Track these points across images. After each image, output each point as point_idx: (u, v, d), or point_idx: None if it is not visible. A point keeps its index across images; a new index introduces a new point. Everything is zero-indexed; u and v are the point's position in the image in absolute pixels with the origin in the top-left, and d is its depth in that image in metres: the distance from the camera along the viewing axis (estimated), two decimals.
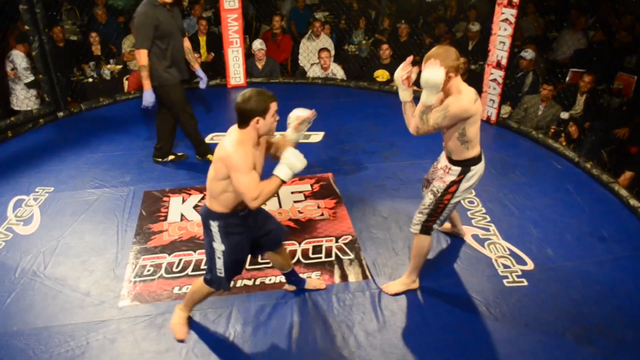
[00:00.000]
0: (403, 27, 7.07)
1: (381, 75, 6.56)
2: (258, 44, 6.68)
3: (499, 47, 5.20)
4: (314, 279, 3.43)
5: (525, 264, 3.63)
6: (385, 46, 6.66)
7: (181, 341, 3.00)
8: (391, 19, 7.76)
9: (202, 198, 4.27)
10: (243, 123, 2.56)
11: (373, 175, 4.61)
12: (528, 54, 6.16)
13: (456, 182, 3.11)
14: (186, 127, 4.65)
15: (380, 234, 3.89)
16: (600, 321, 3.17)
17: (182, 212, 4.13)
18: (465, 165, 3.09)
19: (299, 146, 4.98)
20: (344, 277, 3.48)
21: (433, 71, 2.79)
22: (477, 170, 3.13)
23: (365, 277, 3.48)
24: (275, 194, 2.69)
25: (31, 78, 5.67)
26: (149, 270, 3.53)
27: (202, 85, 4.73)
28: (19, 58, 5.56)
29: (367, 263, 3.59)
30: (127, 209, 4.18)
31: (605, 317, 3.21)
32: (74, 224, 4.01)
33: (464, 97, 2.88)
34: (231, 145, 2.52)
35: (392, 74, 6.53)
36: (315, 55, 6.82)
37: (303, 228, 3.94)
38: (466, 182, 3.12)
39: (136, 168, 4.77)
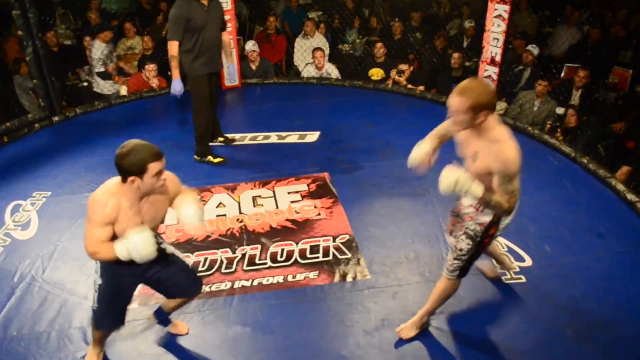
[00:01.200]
0: (397, 25, 7.07)
1: (376, 73, 6.56)
2: (251, 45, 6.67)
3: (493, 43, 5.20)
4: (178, 324, 3.09)
5: (523, 260, 3.63)
6: (379, 44, 6.66)
7: None
8: (384, 17, 7.76)
9: (199, 200, 4.25)
10: (122, 178, 2.32)
11: (369, 174, 4.61)
12: (535, 49, 6.18)
13: (495, 222, 2.69)
14: (196, 121, 4.70)
15: (378, 232, 3.89)
16: (600, 317, 3.18)
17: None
18: None
19: (296, 147, 5.03)
20: (342, 276, 3.48)
21: (446, 179, 2.40)
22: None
23: (363, 276, 3.48)
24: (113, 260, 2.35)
25: (101, 69, 6.17)
26: None
27: (228, 82, 4.98)
28: (95, 48, 6.08)
29: (365, 262, 3.59)
30: None
31: (604, 313, 3.21)
32: (71, 228, 4.00)
33: (510, 146, 2.38)
34: (98, 193, 2.33)
35: (386, 72, 6.55)
36: (310, 55, 6.82)
37: (300, 228, 3.94)
38: (505, 219, 2.74)
39: None
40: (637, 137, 5.12)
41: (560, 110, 5.47)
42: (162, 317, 2.99)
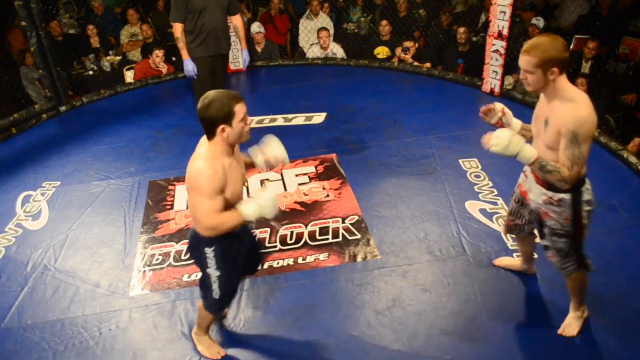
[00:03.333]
0: (401, 1, 6.97)
1: (381, 52, 6.48)
2: (256, 27, 6.61)
3: (500, 17, 5.11)
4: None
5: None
6: (384, 22, 6.57)
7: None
8: None
9: None
10: (209, 134, 2.26)
11: (377, 154, 4.57)
12: (540, 22, 6.07)
13: (579, 212, 2.50)
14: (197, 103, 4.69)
15: (387, 212, 3.87)
16: (613, 291, 3.15)
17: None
18: (575, 189, 2.47)
19: (302, 128, 5.00)
20: (352, 257, 3.47)
21: (498, 139, 2.35)
22: (588, 181, 2.52)
23: (373, 256, 3.47)
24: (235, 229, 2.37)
25: None
26: (157, 259, 3.55)
27: (242, 65, 5.18)
28: None
29: (375, 242, 3.58)
30: (133, 199, 4.19)
31: (617, 287, 3.18)
32: (81, 217, 4.03)
33: (586, 105, 2.27)
34: (200, 164, 2.23)
35: (392, 50, 6.47)
36: (314, 35, 6.75)
37: (309, 210, 3.94)
38: (587, 196, 2.51)
39: (140, 158, 4.77)
40: None
41: None
42: None
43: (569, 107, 2.26)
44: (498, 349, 2.83)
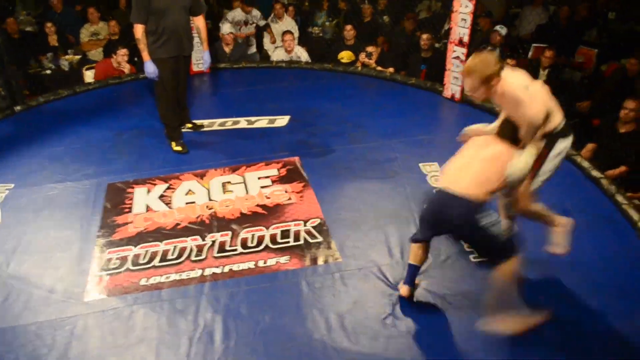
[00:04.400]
0: (366, 7, 7.03)
1: (345, 56, 6.52)
2: (227, 28, 6.56)
3: (461, 24, 5.20)
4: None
5: None
6: (349, 27, 6.62)
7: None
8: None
9: (168, 187, 4.21)
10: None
11: (341, 157, 4.59)
12: (503, 29, 6.20)
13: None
14: (158, 105, 4.68)
15: (349, 215, 3.88)
16: (566, 293, 3.24)
17: (147, 203, 4.06)
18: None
19: (266, 131, 4.98)
20: (313, 260, 3.47)
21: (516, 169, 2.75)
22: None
23: (334, 259, 3.48)
24: None
25: None
26: (115, 264, 3.47)
27: (203, 67, 5.03)
28: None
29: (336, 245, 3.59)
30: (90, 202, 4.09)
31: (570, 288, 3.27)
32: (36, 220, 3.91)
33: (523, 100, 2.71)
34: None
35: (356, 54, 6.51)
36: (279, 38, 6.74)
37: (271, 213, 3.92)
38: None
39: (99, 160, 4.66)
40: (602, 115, 5.20)
41: None
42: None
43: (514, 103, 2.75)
44: (462, 346, 2.89)
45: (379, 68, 6.32)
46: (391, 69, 6.30)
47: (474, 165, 2.75)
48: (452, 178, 2.78)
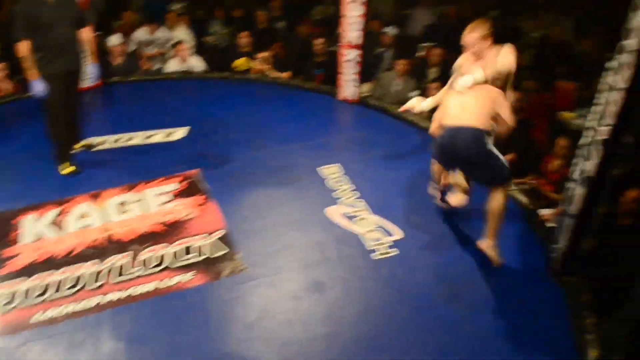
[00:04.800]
0: (260, 13, 7.03)
1: (241, 64, 6.47)
2: (115, 39, 6.31)
3: (352, 28, 5.33)
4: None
5: (393, 234, 3.79)
6: (243, 34, 6.58)
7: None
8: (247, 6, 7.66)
9: (60, 212, 3.98)
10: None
11: (242, 166, 4.55)
12: (390, 30, 6.39)
13: None
14: (49, 125, 4.41)
15: (253, 224, 3.86)
16: (468, 278, 3.44)
17: (37, 231, 3.82)
18: None
19: (163, 145, 4.82)
20: (219, 273, 3.43)
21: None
22: None
23: (240, 270, 3.45)
24: None
25: None
26: (4, 300, 3.23)
27: (92, 80, 4.85)
28: None
29: (242, 255, 3.56)
30: None
31: (471, 274, 3.48)
32: None
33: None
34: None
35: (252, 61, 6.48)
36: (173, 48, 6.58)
37: (172, 229, 3.82)
38: None
39: None
40: None
41: (414, 94, 5.70)
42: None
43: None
44: (367, 347, 2.96)
45: (275, 74, 6.34)
46: (287, 74, 6.34)
47: (470, 103, 3.31)
48: (456, 116, 3.33)
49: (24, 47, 4.08)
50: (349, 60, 5.51)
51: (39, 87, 4.19)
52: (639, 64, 2.63)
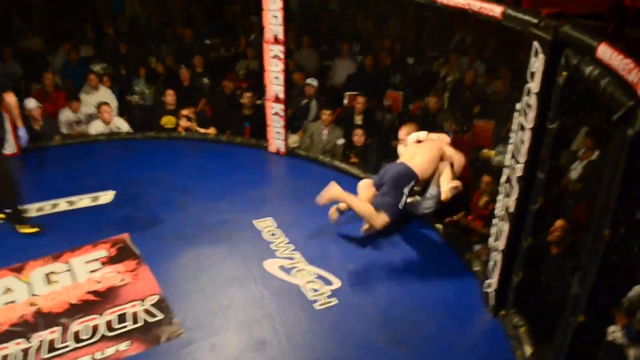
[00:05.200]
0: (184, 71, 7.05)
1: (168, 122, 6.41)
2: (32, 103, 6.10)
3: (274, 82, 5.45)
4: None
5: (332, 283, 3.81)
6: (169, 92, 6.56)
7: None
8: (171, 64, 7.67)
9: None
10: None
11: (172, 226, 4.46)
12: (314, 82, 6.56)
13: None
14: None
15: (188, 285, 3.77)
16: (407, 320, 3.49)
17: None
18: None
19: (89, 211, 4.66)
20: (156, 340, 3.30)
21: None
22: None
23: (177, 335, 3.34)
24: None
25: None
26: None
27: (22, 143, 4.74)
28: None
29: (179, 319, 3.45)
30: None
31: (410, 316, 3.54)
32: None
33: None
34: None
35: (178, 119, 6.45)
36: (96, 110, 6.44)
37: (104, 298, 3.66)
38: None
39: None
40: None
41: (340, 141, 5.87)
42: None
43: None
44: None
45: (202, 130, 6.32)
46: (212, 130, 6.32)
47: (419, 152, 4.29)
48: (407, 159, 4.22)
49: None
50: (276, 113, 5.60)
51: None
52: (540, 106, 2.84)
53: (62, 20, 8.14)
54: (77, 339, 3.31)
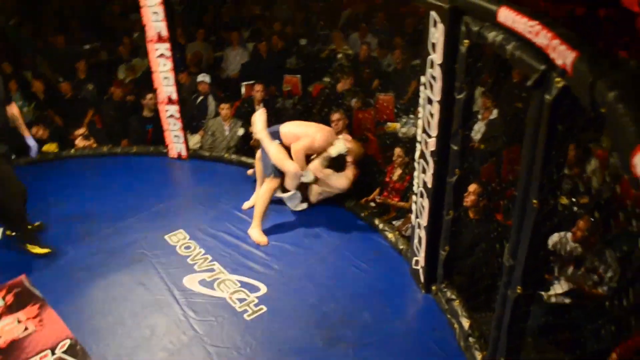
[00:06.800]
0: (64, 83, 6.45)
1: (53, 147, 5.78)
2: None
3: (165, 82, 5.09)
4: None
5: (258, 289, 3.62)
6: (50, 112, 5.97)
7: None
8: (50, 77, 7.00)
9: None
10: None
11: (74, 258, 4.00)
12: (206, 77, 6.20)
13: None
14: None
15: (103, 322, 3.41)
16: (341, 315, 3.36)
17: None
18: None
19: None
20: None
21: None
22: None
23: None
24: None
25: None
26: None
27: (33, 154, 4.46)
28: None
29: None
30: None
31: (343, 309, 3.41)
32: None
33: None
34: None
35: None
36: None
37: (7, 354, 3.23)
38: None
39: None
40: None
41: (240, 132, 5.62)
42: None
43: None
44: None
45: (95, 145, 5.79)
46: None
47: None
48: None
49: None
50: (171, 115, 5.25)
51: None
52: (446, 77, 2.76)
53: None
54: None
